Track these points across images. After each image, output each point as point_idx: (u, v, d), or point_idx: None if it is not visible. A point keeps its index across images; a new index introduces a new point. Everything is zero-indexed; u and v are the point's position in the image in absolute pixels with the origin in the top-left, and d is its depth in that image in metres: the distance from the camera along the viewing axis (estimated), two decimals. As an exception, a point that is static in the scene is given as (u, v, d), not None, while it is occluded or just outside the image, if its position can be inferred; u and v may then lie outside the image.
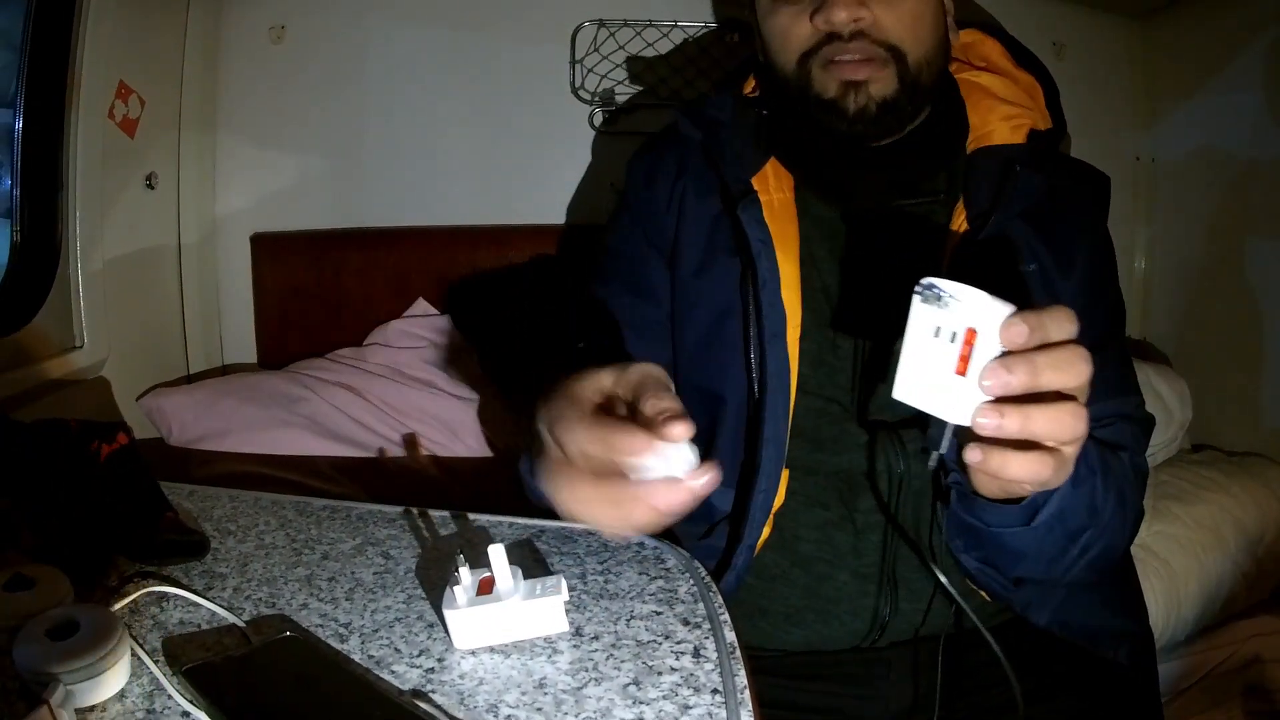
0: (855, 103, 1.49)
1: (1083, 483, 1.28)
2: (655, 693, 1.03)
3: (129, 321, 2.68)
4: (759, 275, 1.53)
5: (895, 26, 1.47)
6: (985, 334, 0.96)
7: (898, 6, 1.46)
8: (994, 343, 0.96)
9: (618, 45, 3.03)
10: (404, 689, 1.04)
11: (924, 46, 1.50)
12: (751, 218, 1.55)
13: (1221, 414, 2.95)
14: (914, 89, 1.51)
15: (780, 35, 1.54)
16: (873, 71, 1.48)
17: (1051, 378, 0.96)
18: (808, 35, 1.50)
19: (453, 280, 3.03)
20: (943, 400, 0.99)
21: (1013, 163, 1.52)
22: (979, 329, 0.96)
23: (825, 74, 1.50)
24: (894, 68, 1.48)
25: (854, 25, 1.45)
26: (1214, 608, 2.58)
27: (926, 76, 1.52)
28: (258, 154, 3.10)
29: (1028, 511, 1.22)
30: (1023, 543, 1.30)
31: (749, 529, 1.55)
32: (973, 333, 0.97)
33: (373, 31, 3.06)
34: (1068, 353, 0.97)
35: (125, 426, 1.50)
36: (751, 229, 1.54)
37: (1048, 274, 1.52)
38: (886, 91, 1.49)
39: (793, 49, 1.53)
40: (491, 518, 1.49)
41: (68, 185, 2.40)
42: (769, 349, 1.52)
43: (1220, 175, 2.92)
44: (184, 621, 1.19)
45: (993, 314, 0.96)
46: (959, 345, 0.97)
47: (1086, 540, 1.35)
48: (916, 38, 1.49)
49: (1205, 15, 2.91)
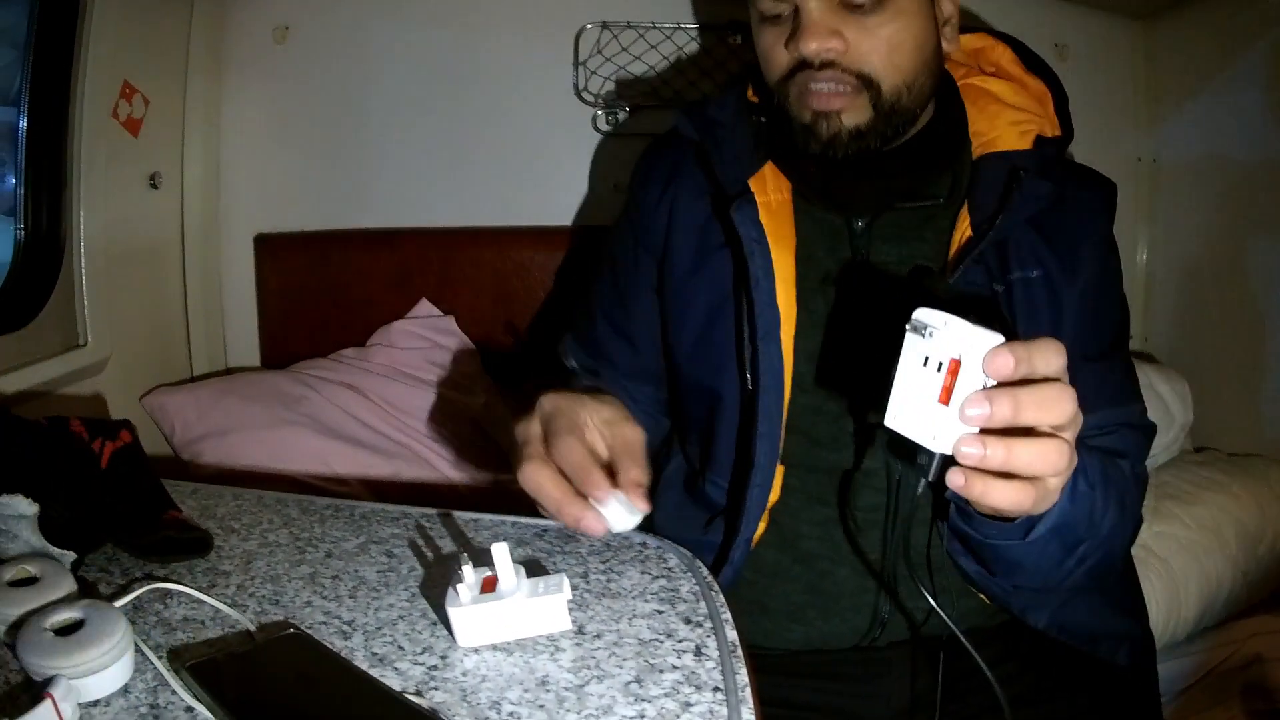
0: (827, 130, 1.49)
1: (1082, 497, 1.27)
2: (657, 690, 1.03)
3: (132, 321, 2.68)
4: (751, 273, 1.53)
5: (870, 56, 1.46)
6: (969, 364, 0.98)
7: (873, 34, 1.45)
8: (978, 373, 0.97)
9: (621, 47, 3.03)
10: (407, 686, 1.05)
11: (902, 73, 1.48)
12: (745, 217, 1.56)
13: (1222, 415, 2.95)
14: (890, 115, 1.50)
15: (763, 56, 1.56)
16: (844, 103, 1.47)
17: (1034, 414, 0.98)
18: (785, 61, 1.51)
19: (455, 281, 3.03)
20: (928, 429, 1.02)
21: (1018, 169, 1.52)
22: (963, 359, 0.98)
23: (800, 100, 1.51)
24: (866, 96, 1.48)
25: (824, 55, 1.45)
26: (1215, 607, 2.58)
27: (907, 100, 1.51)
28: (261, 154, 3.10)
29: (1024, 525, 1.23)
30: (1020, 554, 1.31)
31: (745, 523, 1.57)
32: (957, 363, 0.98)
33: (376, 32, 3.06)
34: (1053, 390, 0.98)
35: (129, 424, 1.50)
36: (745, 228, 1.55)
37: (1052, 280, 1.52)
38: (859, 120, 1.49)
39: (773, 72, 1.54)
40: (494, 516, 1.50)
41: (72, 184, 2.41)
42: (762, 346, 1.53)
43: (1222, 177, 2.91)
44: (188, 618, 1.19)
45: (977, 344, 0.97)
46: (943, 375, 0.99)
47: (1084, 551, 1.35)
48: (893, 65, 1.47)
49: (1208, 17, 2.91)
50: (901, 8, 1.46)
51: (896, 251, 1.57)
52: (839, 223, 1.59)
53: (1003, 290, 1.51)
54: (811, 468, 1.59)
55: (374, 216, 3.12)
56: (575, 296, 1.92)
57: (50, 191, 2.38)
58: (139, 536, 1.35)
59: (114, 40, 2.45)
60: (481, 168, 3.14)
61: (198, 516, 1.50)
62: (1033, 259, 1.52)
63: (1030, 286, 1.52)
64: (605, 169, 3.11)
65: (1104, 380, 1.53)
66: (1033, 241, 1.53)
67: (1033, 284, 1.52)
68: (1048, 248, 1.53)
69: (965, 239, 1.53)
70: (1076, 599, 1.55)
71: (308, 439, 2.58)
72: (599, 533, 1.22)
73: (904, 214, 1.58)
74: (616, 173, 3.07)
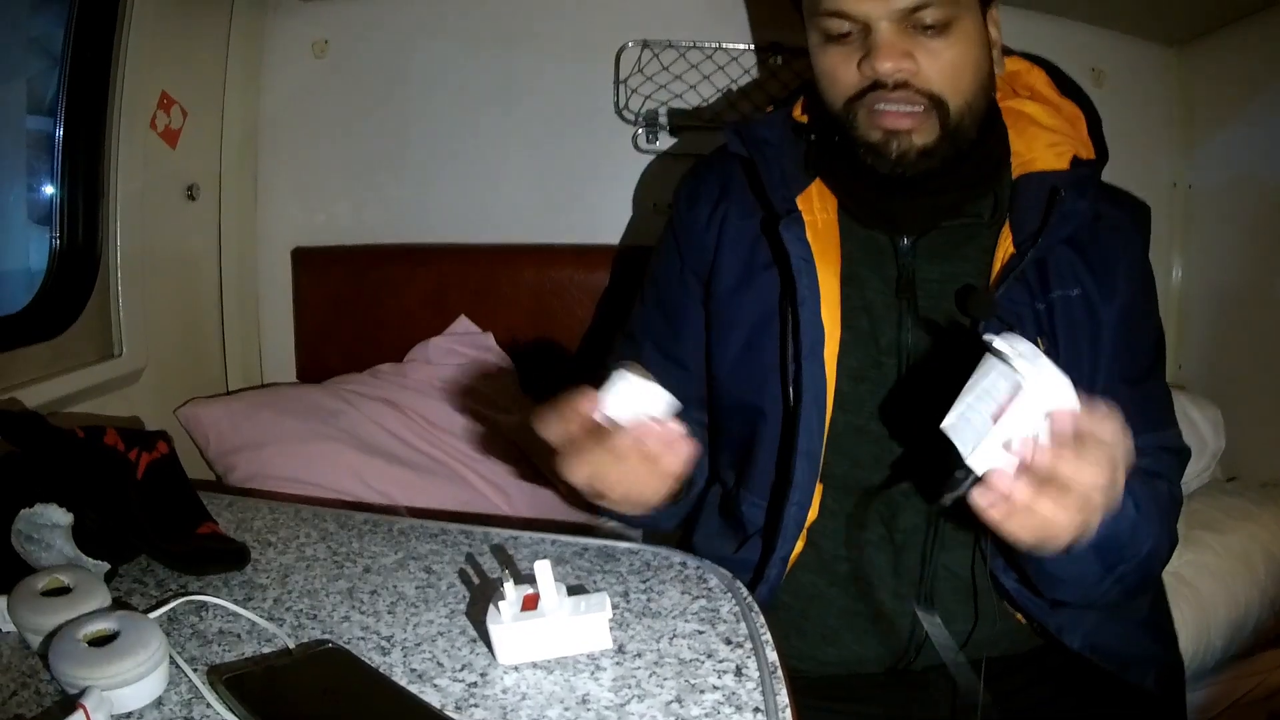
0: (897, 149, 1.49)
1: (1125, 519, 1.30)
2: (698, 710, 1.02)
3: (168, 332, 2.68)
4: (799, 292, 1.54)
5: (938, 77, 1.47)
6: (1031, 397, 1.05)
7: (939, 57, 1.47)
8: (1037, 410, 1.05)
9: (661, 66, 3.02)
10: (446, 703, 1.03)
11: (965, 95, 1.50)
12: (794, 235, 1.56)
13: (1255, 443, 2.93)
14: (955, 135, 1.51)
15: (828, 75, 1.55)
16: (915, 122, 1.48)
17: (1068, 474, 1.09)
18: (854, 81, 1.51)
19: (493, 298, 3.02)
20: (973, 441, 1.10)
21: (1058, 189, 1.54)
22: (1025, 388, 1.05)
23: (869, 120, 1.51)
24: (936, 116, 1.49)
25: (898, 75, 1.46)
26: (1243, 636, 2.56)
27: (969, 121, 1.52)
28: (299, 168, 3.11)
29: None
30: (1061, 569, 1.37)
31: (782, 541, 1.56)
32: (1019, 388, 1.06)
33: (416, 47, 3.06)
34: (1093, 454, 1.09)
35: (166, 435, 1.50)
36: (793, 246, 1.55)
37: (1090, 299, 1.54)
38: (928, 140, 1.49)
39: (839, 91, 1.54)
40: (534, 534, 1.50)
41: (108, 194, 2.41)
42: (805, 364, 1.53)
43: (1256, 203, 2.89)
44: (223, 631, 1.19)
45: (1046, 382, 1.05)
46: (1003, 397, 1.06)
47: (1123, 571, 1.39)
48: (957, 87, 1.49)
49: (1243, 43, 2.89)
50: (965, 31, 1.48)
51: (940, 269, 1.57)
52: (884, 241, 1.60)
53: (1044, 309, 1.53)
54: (851, 489, 1.58)
55: (412, 232, 3.12)
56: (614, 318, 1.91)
57: (87, 201, 2.38)
58: (174, 548, 1.34)
59: (152, 51, 2.46)
60: (521, 185, 3.14)
61: (234, 529, 1.50)
62: (1072, 278, 1.54)
63: (1070, 305, 1.53)
64: (645, 188, 3.10)
65: (1142, 404, 1.53)
66: (1071, 260, 1.55)
67: (1073, 302, 1.53)
68: (1085, 267, 1.55)
69: (1008, 257, 1.53)
70: (1109, 623, 1.56)
71: (344, 454, 2.58)
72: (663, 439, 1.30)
73: (947, 232, 1.59)
74: (656, 192, 3.05)
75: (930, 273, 1.57)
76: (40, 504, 1.25)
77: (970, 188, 1.59)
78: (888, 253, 1.59)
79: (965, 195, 1.59)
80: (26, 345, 2.20)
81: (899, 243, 1.59)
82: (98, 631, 1.06)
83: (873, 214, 1.60)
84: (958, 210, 1.59)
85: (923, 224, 1.58)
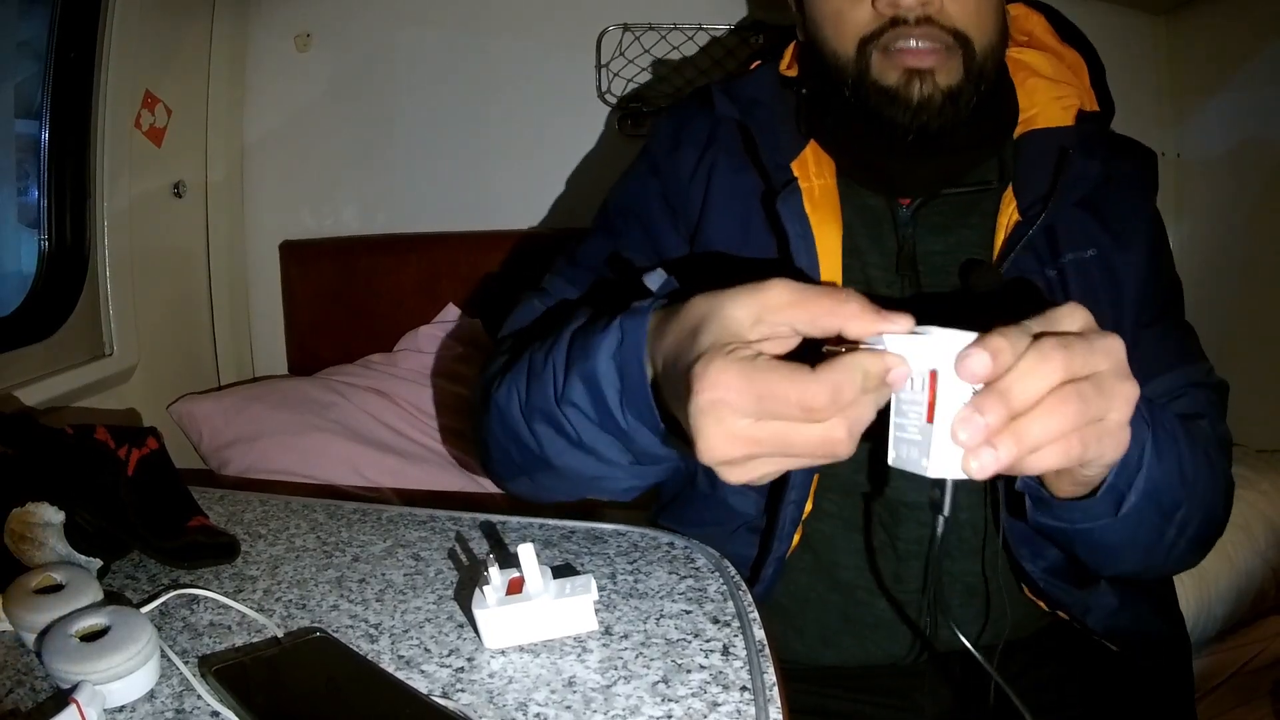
0: (920, 92, 1.38)
1: (1166, 452, 1.16)
2: (684, 690, 1.02)
3: (158, 330, 2.69)
4: (795, 269, 1.44)
5: (961, 13, 1.37)
6: (944, 373, 0.85)
7: None
8: (957, 381, 0.85)
9: (643, 49, 3.03)
10: (433, 689, 1.04)
11: (989, 34, 1.41)
12: (791, 211, 1.45)
13: (1251, 411, 2.92)
14: (979, 78, 1.41)
15: (834, 18, 1.43)
16: (939, 60, 1.38)
17: (1031, 385, 0.84)
18: (868, 19, 1.39)
19: (481, 284, 3.03)
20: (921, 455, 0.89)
21: (1066, 149, 1.45)
22: (939, 369, 0.86)
23: (887, 61, 1.40)
24: (960, 56, 1.39)
25: (922, 10, 1.35)
26: (1244, 604, 2.56)
27: (990, 64, 1.43)
28: (285, 161, 3.12)
29: (1112, 500, 1.12)
30: (1115, 535, 1.19)
31: (778, 541, 1.50)
32: (934, 374, 0.86)
33: (398, 37, 3.07)
34: (1042, 349, 0.85)
35: (155, 432, 1.50)
36: (791, 224, 1.45)
37: (1108, 259, 1.46)
38: (952, 81, 1.39)
39: (849, 33, 1.42)
40: (521, 519, 1.49)
41: (95, 194, 2.42)
42: None
43: (1246, 171, 2.90)
44: (214, 623, 1.19)
45: (947, 349, 0.85)
46: (920, 395, 0.87)
47: (1183, 517, 1.25)
48: (981, 25, 1.40)
49: (1229, 10, 2.89)
50: None
51: (943, 241, 1.49)
52: (882, 209, 1.51)
53: (1055, 274, 1.45)
54: (852, 491, 1.52)
55: (399, 222, 3.13)
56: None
57: (74, 202, 2.39)
58: (165, 543, 1.35)
59: (135, 50, 2.46)
60: (505, 171, 3.16)
61: (225, 522, 1.50)
62: (1085, 239, 1.46)
63: (1085, 266, 1.45)
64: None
65: (1162, 343, 1.47)
66: (1083, 220, 1.47)
67: (1087, 264, 1.45)
68: (1100, 225, 1.47)
69: (1013, 224, 1.45)
70: (1130, 604, 1.49)
71: (336, 444, 2.59)
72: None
73: (949, 200, 1.50)
74: (641, 176, 3.04)
75: (933, 245, 1.49)
76: (32, 503, 1.26)
77: (977, 147, 1.51)
78: (886, 222, 1.51)
79: (972, 157, 1.51)
80: (18, 347, 2.21)
81: (898, 210, 1.50)
82: (89, 627, 1.07)
83: (872, 175, 1.52)
84: (961, 177, 1.51)
85: (926, 187, 1.50)
